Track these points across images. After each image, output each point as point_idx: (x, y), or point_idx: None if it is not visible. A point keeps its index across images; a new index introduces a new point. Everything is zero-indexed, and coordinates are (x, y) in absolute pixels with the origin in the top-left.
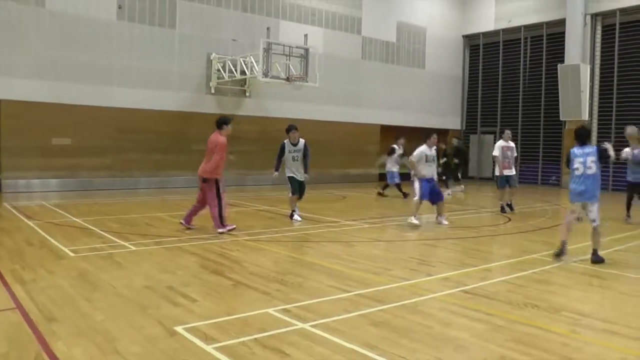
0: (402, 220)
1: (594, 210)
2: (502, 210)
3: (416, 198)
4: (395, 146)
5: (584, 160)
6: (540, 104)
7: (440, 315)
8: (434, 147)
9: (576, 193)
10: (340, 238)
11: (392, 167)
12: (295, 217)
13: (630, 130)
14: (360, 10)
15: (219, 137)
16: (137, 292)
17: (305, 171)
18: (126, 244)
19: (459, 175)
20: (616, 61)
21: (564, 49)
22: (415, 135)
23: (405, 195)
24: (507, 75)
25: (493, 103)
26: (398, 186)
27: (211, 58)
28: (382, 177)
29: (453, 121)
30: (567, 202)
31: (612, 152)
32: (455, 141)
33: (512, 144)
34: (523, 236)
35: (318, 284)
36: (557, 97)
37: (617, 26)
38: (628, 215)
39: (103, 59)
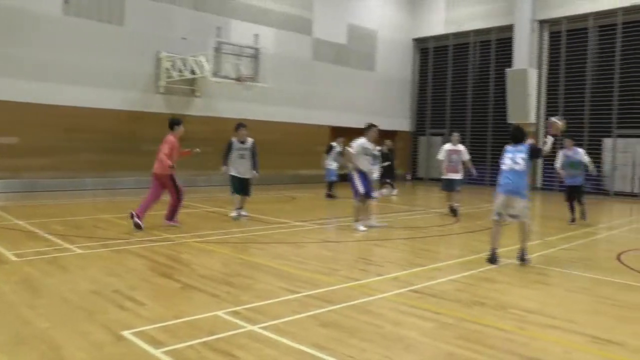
0: (351, 221)
1: (517, 206)
2: (450, 211)
3: (355, 199)
4: (333, 144)
5: (512, 156)
6: (488, 106)
7: (389, 314)
8: (377, 146)
9: (502, 184)
10: (289, 239)
11: (330, 164)
12: (234, 214)
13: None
14: (311, 11)
15: (170, 137)
16: (83, 297)
17: (255, 169)
18: (72, 247)
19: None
20: (563, 66)
21: (512, 53)
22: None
23: (330, 196)
24: (456, 78)
25: (442, 105)
26: (331, 184)
27: (160, 56)
28: None
29: (402, 123)
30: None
31: (546, 147)
32: (388, 142)
33: (460, 147)
34: (471, 236)
35: (267, 285)
36: (505, 100)
37: (564, 33)
38: (573, 219)
39: (48, 55)
